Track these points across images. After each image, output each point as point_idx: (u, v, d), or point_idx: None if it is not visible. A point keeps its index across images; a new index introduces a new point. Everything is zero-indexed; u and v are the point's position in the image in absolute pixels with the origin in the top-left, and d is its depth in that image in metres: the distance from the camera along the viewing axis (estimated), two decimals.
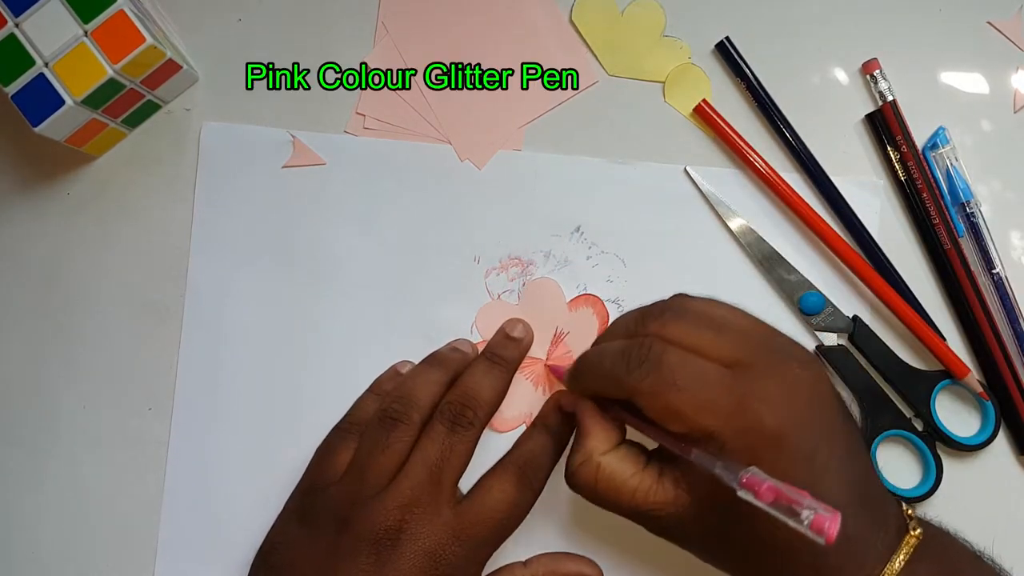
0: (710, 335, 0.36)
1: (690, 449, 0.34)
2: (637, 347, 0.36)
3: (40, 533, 0.46)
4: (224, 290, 0.47)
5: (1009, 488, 0.46)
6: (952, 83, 0.48)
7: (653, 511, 0.36)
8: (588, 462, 0.37)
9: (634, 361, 0.35)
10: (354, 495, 0.39)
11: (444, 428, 0.40)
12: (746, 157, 0.47)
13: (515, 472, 0.40)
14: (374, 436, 0.41)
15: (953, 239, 0.46)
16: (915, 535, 0.35)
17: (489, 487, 0.40)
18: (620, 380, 0.36)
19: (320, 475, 0.42)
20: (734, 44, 0.47)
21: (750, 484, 0.31)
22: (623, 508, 0.37)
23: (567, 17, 0.48)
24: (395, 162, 0.48)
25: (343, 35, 0.48)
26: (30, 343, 0.47)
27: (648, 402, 0.35)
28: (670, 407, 0.34)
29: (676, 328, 0.36)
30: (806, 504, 0.30)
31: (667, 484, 0.36)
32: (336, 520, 0.39)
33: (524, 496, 0.40)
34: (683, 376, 0.34)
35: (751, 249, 0.47)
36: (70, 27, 0.43)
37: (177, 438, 0.46)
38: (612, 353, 0.37)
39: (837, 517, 0.29)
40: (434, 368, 0.43)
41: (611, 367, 0.36)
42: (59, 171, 0.48)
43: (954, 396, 0.46)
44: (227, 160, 0.48)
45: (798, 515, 0.30)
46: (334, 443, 0.43)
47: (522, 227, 0.48)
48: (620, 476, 0.36)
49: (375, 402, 0.44)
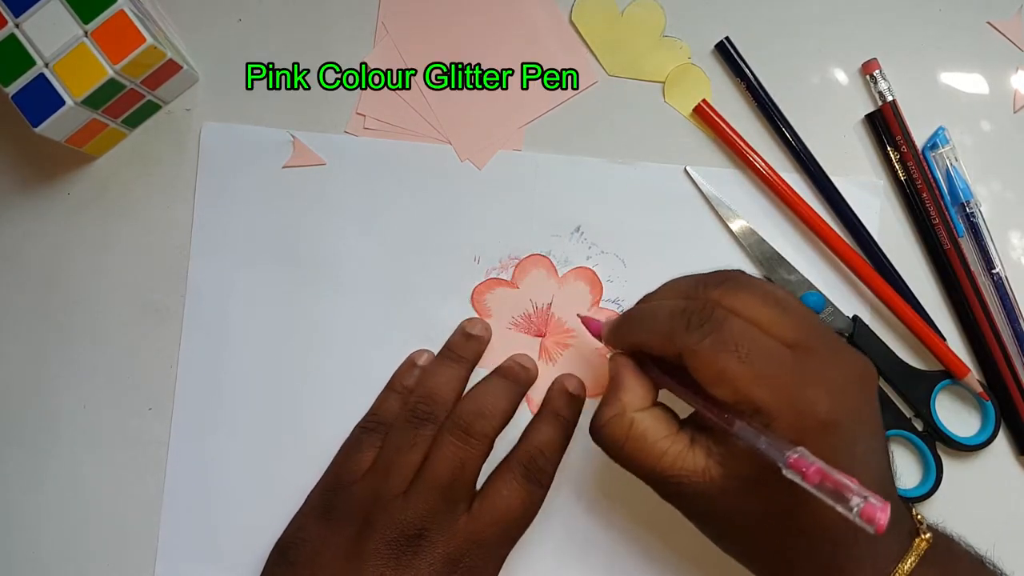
0: (775, 313, 0.35)
1: (733, 420, 0.33)
2: (699, 308, 0.35)
3: (40, 533, 0.46)
4: (224, 290, 0.47)
5: (1009, 488, 0.46)
6: (952, 83, 0.48)
7: (679, 478, 0.35)
8: (621, 416, 0.36)
9: (695, 321, 0.35)
10: (377, 493, 0.40)
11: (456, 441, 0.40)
12: (746, 157, 0.47)
13: (522, 471, 0.40)
14: (401, 435, 0.41)
15: (953, 239, 0.46)
16: (926, 539, 0.35)
17: (498, 488, 0.40)
18: (675, 337, 0.35)
19: (344, 472, 0.42)
20: (734, 44, 0.47)
21: (798, 464, 0.31)
22: (647, 470, 0.36)
23: (567, 17, 0.48)
24: (395, 162, 0.48)
25: (343, 35, 0.48)
26: (30, 343, 0.47)
27: (702, 364, 0.34)
28: (724, 372, 0.33)
29: (739, 299, 0.35)
30: (856, 491, 0.29)
31: (698, 453, 0.35)
32: (358, 519, 0.39)
33: (533, 494, 0.40)
34: (744, 344, 0.34)
35: (751, 249, 0.47)
36: (70, 27, 0.43)
37: (177, 438, 0.46)
38: (670, 309, 0.36)
39: (887, 507, 0.29)
40: (454, 363, 0.44)
41: (668, 323, 0.35)
42: (59, 171, 0.48)
43: (954, 396, 0.46)
44: (227, 160, 0.48)
45: (846, 501, 0.29)
46: (358, 440, 0.43)
47: (522, 227, 0.48)
48: (652, 436, 0.36)
49: (397, 399, 0.44)
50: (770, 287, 0.36)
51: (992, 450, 0.45)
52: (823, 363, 0.34)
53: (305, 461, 0.46)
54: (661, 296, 0.39)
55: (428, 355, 0.46)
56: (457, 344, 0.45)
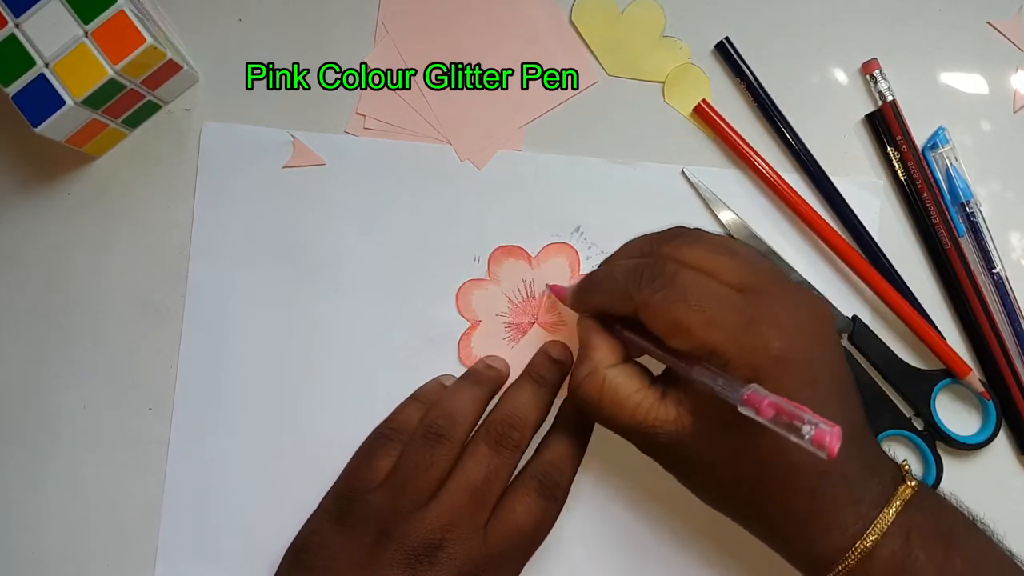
0: (724, 259, 0.36)
1: (692, 366, 0.35)
2: (650, 265, 0.37)
3: (40, 533, 0.46)
4: (224, 290, 0.47)
5: (1010, 487, 0.46)
6: (952, 83, 0.48)
7: (653, 429, 0.36)
8: (594, 374, 0.38)
9: (647, 277, 0.36)
10: (394, 506, 0.39)
11: (489, 449, 0.40)
12: (746, 157, 0.47)
13: (536, 487, 0.40)
14: (417, 451, 0.40)
15: (953, 239, 0.46)
16: (911, 486, 0.36)
17: (512, 504, 0.39)
18: (631, 295, 0.36)
19: (359, 479, 0.42)
20: (734, 44, 0.47)
21: (751, 400, 0.32)
22: (623, 423, 0.37)
23: (567, 17, 0.48)
24: (395, 162, 0.48)
25: (343, 35, 0.48)
26: (30, 343, 0.47)
27: (656, 317, 0.35)
28: (678, 322, 0.35)
29: (690, 250, 0.37)
30: (807, 419, 0.30)
31: (669, 404, 0.36)
32: (376, 528, 0.39)
33: (548, 511, 0.40)
34: (694, 292, 0.35)
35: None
36: (70, 27, 0.43)
37: (177, 438, 0.46)
38: (624, 269, 0.38)
39: (838, 431, 0.29)
40: (475, 385, 0.43)
41: (623, 282, 0.37)
42: (59, 171, 0.48)
43: (954, 395, 0.46)
44: (227, 160, 0.48)
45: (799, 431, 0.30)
46: (374, 448, 0.42)
47: (522, 227, 0.48)
48: (624, 390, 0.37)
49: (418, 410, 0.43)
50: (720, 238, 0.38)
51: (993, 449, 0.45)
52: (774, 303, 0.35)
53: (305, 461, 0.46)
54: (618, 257, 0.41)
55: (454, 379, 0.45)
56: (478, 371, 0.45)
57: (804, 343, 0.35)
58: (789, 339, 0.34)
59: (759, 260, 0.38)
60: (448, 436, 0.41)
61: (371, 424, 0.45)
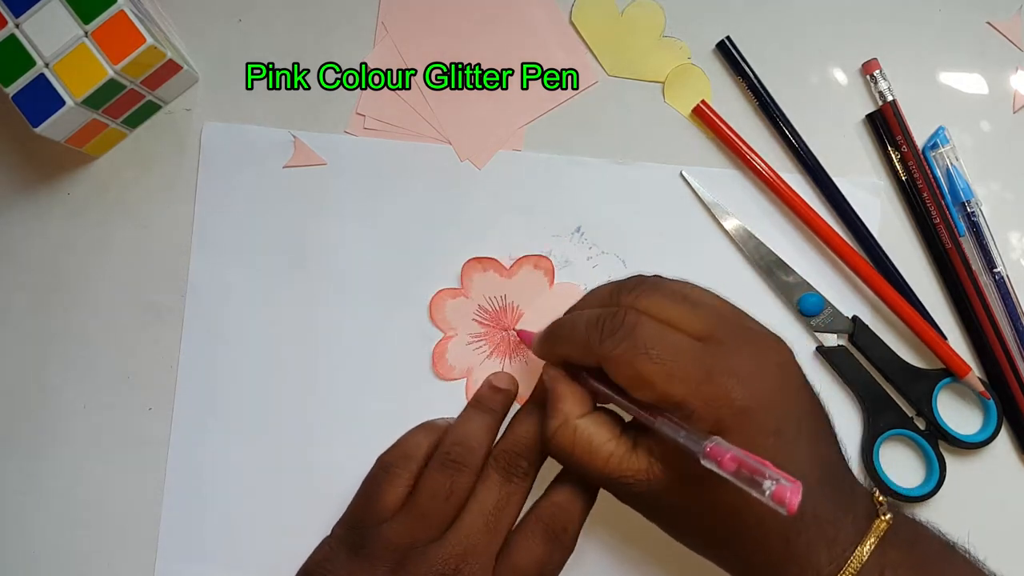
0: (684, 309, 0.36)
1: (655, 418, 0.35)
2: (611, 316, 0.36)
3: (40, 533, 0.46)
4: (224, 290, 0.47)
5: (1012, 485, 0.46)
6: (952, 83, 0.48)
7: (626, 479, 0.36)
8: (565, 425, 0.37)
9: (607, 329, 0.36)
10: (412, 537, 0.38)
11: (500, 477, 0.39)
12: (746, 157, 0.47)
13: (543, 531, 0.38)
14: (436, 481, 0.39)
15: (954, 239, 0.46)
16: (885, 520, 0.35)
17: (517, 546, 0.38)
18: (592, 347, 0.36)
19: (371, 511, 0.40)
20: (735, 44, 0.47)
21: (713, 454, 0.32)
22: (597, 473, 0.37)
23: (567, 17, 0.48)
24: (395, 162, 0.48)
25: (343, 35, 0.49)
26: (30, 343, 0.47)
27: (619, 369, 0.35)
28: (640, 375, 0.35)
29: (651, 301, 0.37)
30: (768, 474, 0.30)
31: (641, 454, 0.36)
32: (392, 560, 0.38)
33: (554, 556, 0.38)
34: (655, 345, 0.35)
35: (749, 251, 0.47)
36: (70, 28, 0.43)
37: (177, 438, 0.46)
38: (585, 320, 0.37)
39: (799, 487, 0.29)
40: (486, 413, 0.42)
41: (584, 333, 0.37)
42: (59, 171, 0.48)
43: (955, 395, 0.46)
44: (227, 160, 0.48)
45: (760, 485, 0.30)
46: (383, 478, 0.41)
47: (522, 227, 0.47)
48: (596, 440, 0.37)
49: (426, 437, 0.42)
50: (681, 286, 0.38)
51: (994, 448, 0.45)
52: (734, 352, 0.35)
53: (305, 460, 0.46)
54: (582, 306, 0.40)
55: None
56: (485, 396, 0.43)
57: (767, 391, 0.35)
58: (751, 388, 0.34)
59: (719, 308, 0.37)
60: (466, 464, 0.39)
61: (371, 423, 0.45)
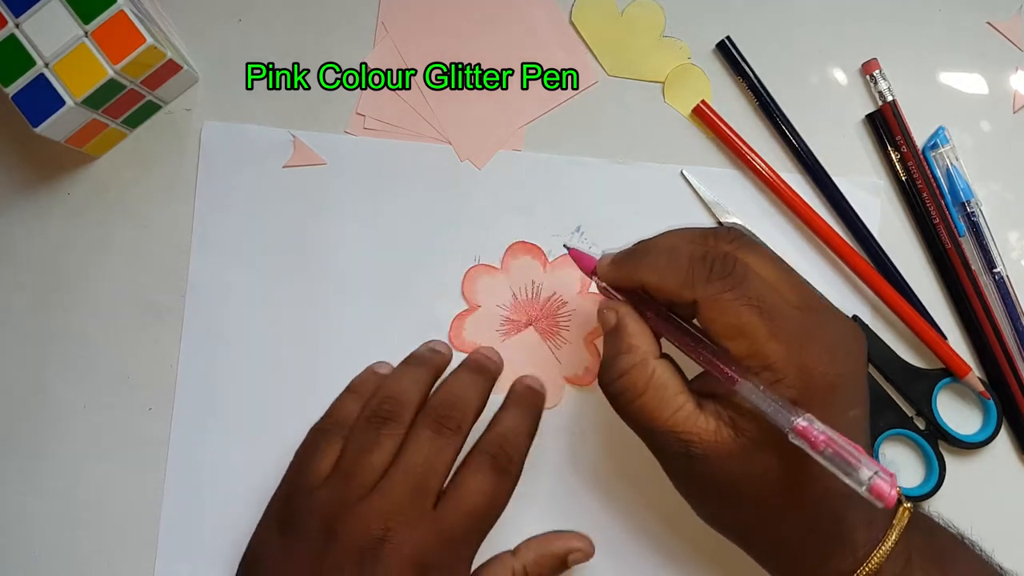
0: (781, 273, 0.35)
1: (736, 379, 0.33)
2: (721, 257, 0.34)
3: (40, 533, 0.46)
4: (224, 290, 0.47)
5: (1011, 485, 0.46)
6: (952, 83, 0.48)
7: (689, 437, 0.34)
8: (644, 364, 0.35)
9: (717, 270, 0.34)
10: (342, 497, 0.38)
11: (430, 432, 0.38)
12: (746, 157, 0.47)
13: (489, 461, 0.38)
14: (363, 435, 0.39)
15: (954, 239, 0.46)
16: (908, 508, 0.35)
17: (464, 482, 0.38)
18: (696, 283, 0.34)
19: (303, 478, 0.40)
20: (735, 44, 0.47)
21: (805, 432, 0.30)
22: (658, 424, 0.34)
23: (567, 17, 0.48)
24: (395, 162, 0.48)
25: (343, 35, 0.49)
26: (30, 343, 0.47)
27: (721, 315, 0.33)
28: (743, 325, 0.33)
29: (756, 257, 0.35)
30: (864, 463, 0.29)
31: (708, 415, 0.34)
32: (321, 528, 0.37)
33: (502, 486, 0.38)
34: (766, 300, 0.33)
35: None
36: (70, 27, 0.43)
37: (177, 438, 0.46)
38: (690, 254, 0.35)
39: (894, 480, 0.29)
40: (418, 368, 0.41)
41: (687, 266, 0.34)
42: (59, 171, 0.48)
43: (955, 395, 0.46)
44: (227, 160, 0.48)
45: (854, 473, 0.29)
46: (315, 444, 0.40)
47: (522, 227, 0.47)
48: (671, 389, 0.34)
49: (355, 401, 0.41)
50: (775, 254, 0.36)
51: (994, 448, 0.45)
52: (826, 326, 0.34)
53: None
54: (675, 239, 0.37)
55: (389, 366, 0.44)
56: (420, 354, 0.43)
57: (851, 370, 0.34)
58: (840, 364, 0.33)
59: (807, 282, 0.36)
60: (393, 417, 0.39)
61: None
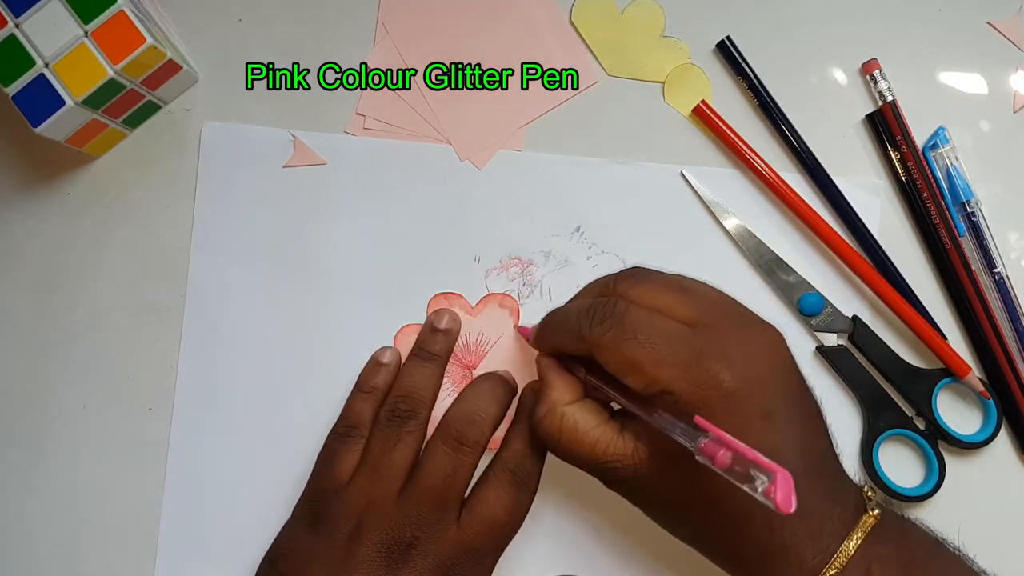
0: (674, 296, 0.37)
1: (651, 411, 0.35)
2: (602, 304, 0.37)
3: (40, 533, 0.46)
4: (224, 290, 0.47)
5: (1011, 485, 0.46)
6: (952, 83, 0.48)
7: (612, 464, 0.37)
8: (552, 412, 0.38)
9: (597, 316, 0.37)
10: (368, 497, 0.39)
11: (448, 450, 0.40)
12: (745, 157, 0.47)
13: (510, 477, 0.40)
14: (384, 434, 0.41)
15: (954, 239, 0.46)
16: (873, 515, 0.35)
17: (486, 497, 0.40)
18: (583, 334, 0.37)
19: (327, 481, 0.41)
20: (735, 44, 0.47)
21: (707, 449, 0.32)
22: (583, 459, 0.37)
23: (567, 17, 0.48)
24: (395, 162, 0.48)
25: (343, 35, 0.48)
26: (30, 343, 0.47)
27: (608, 356, 0.36)
28: (629, 360, 0.35)
29: (642, 289, 0.38)
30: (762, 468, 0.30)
31: (627, 439, 0.37)
32: (349, 525, 0.39)
33: (521, 500, 0.40)
34: (643, 330, 0.35)
35: (749, 251, 0.47)
36: (70, 27, 0.43)
37: (177, 438, 0.46)
38: (578, 309, 0.38)
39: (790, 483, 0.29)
40: (427, 362, 0.44)
41: (576, 322, 0.38)
42: (59, 171, 0.48)
43: (955, 395, 0.46)
44: (227, 160, 0.48)
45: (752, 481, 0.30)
46: (336, 447, 0.42)
47: (522, 227, 0.48)
48: (583, 427, 0.38)
49: (369, 401, 0.43)
50: (674, 276, 0.39)
51: (994, 448, 0.45)
52: (724, 337, 0.36)
53: (305, 461, 0.45)
54: (578, 297, 0.41)
55: (391, 352, 0.45)
56: (426, 341, 0.45)
57: (756, 375, 0.35)
58: (739, 372, 0.34)
59: (710, 295, 0.38)
60: (411, 416, 0.41)
61: None
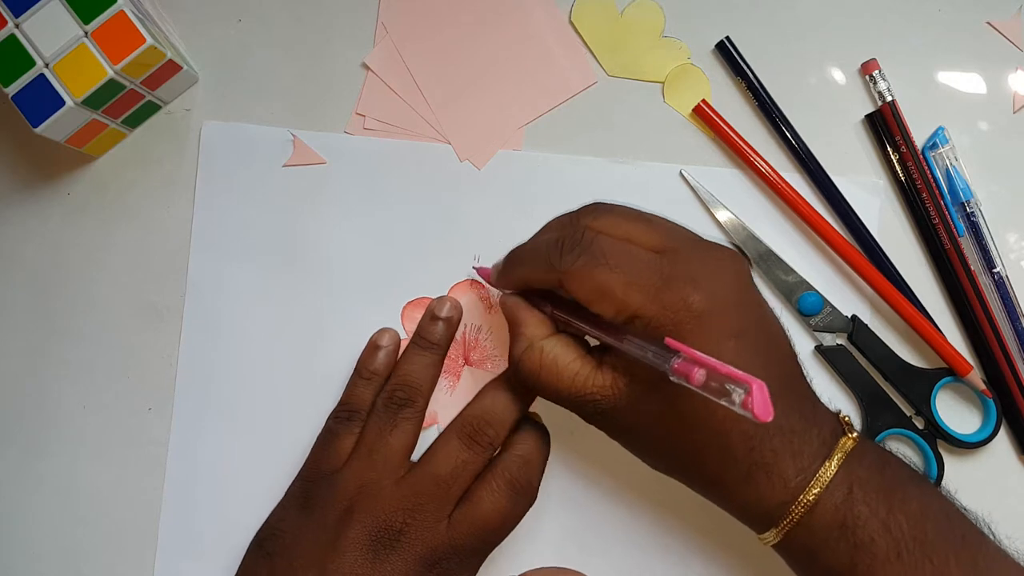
0: (640, 225, 0.38)
1: (622, 338, 0.35)
2: (570, 235, 0.37)
3: (40, 532, 0.46)
4: (224, 290, 0.47)
5: (1011, 485, 0.46)
6: (951, 83, 0.48)
7: (592, 396, 0.37)
8: (531, 348, 0.38)
9: (567, 246, 0.37)
10: (362, 479, 0.40)
11: (461, 444, 0.40)
12: (746, 157, 0.47)
13: (506, 483, 0.39)
14: (381, 419, 0.41)
15: (953, 239, 0.46)
16: (852, 438, 0.36)
17: (481, 498, 0.39)
18: (552, 265, 0.37)
19: (323, 462, 0.42)
20: (735, 44, 0.47)
21: (681, 369, 0.32)
22: (563, 393, 0.38)
23: (567, 17, 0.48)
24: (395, 162, 0.48)
25: (343, 35, 0.49)
26: (30, 343, 0.47)
27: (579, 284, 0.36)
28: (599, 287, 0.36)
29: (608, 220, 0.38)
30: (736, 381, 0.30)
31: (606, 371, 0.37)
32: (340, 508, 0.39)
33: (516, 507, 0.40)
34: (613, 256, 0.36)
35: (748, 250, 0.47)
36: (70, 28, 0.43)
37: (177, 438, 0.46)
38: (545, 242, 0.39)
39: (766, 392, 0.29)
40: (426, 351, 0.44)
41: (544, 253, 0.38)
42: (59, 171, 0.48)
43: (955, 394, 0.46)
44: (227, 160, 0.48)
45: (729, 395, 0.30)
46: (334, 430, 0.43)
47: (522, 227, 0.47)
48: (562, 361, 0.38)
49: (368, 387, 0.44)
50: (635, 209, 0.39)
51: (993, 447, 0.45)
52: (690, 261, 0.36)
53: (304, 460, 0.46)
54: (541, 233, 0.41)
55: (390, 335, 0.45)
56: (426, 329, 0.44)
57: (724, 295, 0.36)
58: (708, 292, 0.35)
59: (674, 225, 0.39)
60: (408, 404, 0.41)
61: None
